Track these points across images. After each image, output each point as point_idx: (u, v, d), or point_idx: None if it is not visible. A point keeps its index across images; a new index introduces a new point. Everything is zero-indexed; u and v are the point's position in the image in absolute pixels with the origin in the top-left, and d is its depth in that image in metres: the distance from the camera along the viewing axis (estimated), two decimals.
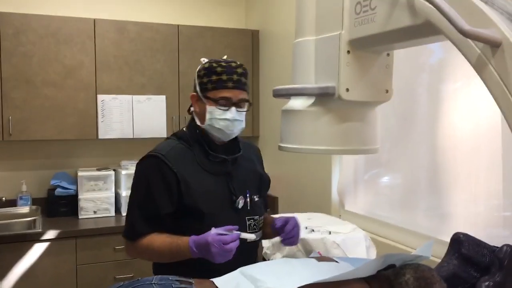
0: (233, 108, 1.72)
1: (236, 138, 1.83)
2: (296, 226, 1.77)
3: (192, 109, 1.84)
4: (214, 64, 1.75)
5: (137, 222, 1.72)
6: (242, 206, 1.75)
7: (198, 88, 1.77)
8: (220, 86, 1.72)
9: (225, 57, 1.88)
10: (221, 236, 1.52)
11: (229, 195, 1.75)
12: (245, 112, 1.78)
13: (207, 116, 1.72)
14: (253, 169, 1.90)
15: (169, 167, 1.68)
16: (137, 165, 1.79)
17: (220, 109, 1.71)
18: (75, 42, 3.43)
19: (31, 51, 3.33)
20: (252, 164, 1.91)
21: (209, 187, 1.72)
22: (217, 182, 1.75)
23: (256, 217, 1.80)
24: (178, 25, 3.73)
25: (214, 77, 1.73)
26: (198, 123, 1.78)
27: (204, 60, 1.83)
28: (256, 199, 1.83)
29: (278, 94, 1.31)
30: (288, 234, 1.75)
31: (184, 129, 1.85)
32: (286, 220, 1.77)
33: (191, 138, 1.77)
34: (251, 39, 3.99)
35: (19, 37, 3.29)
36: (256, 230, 1.78)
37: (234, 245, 1.52)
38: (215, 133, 1.75)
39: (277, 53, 3.74)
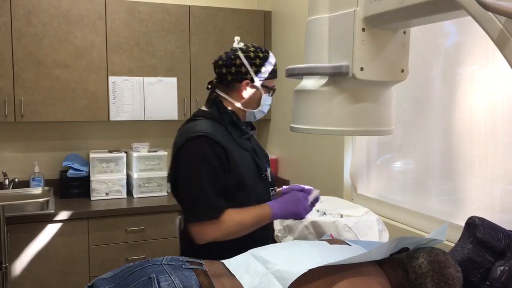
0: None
1: None
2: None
3: (217, 92, 1.94)
4: (267, 54, 1.92)
5: (213, 200, 1.72)
6: (268, 178, 1.93)
7: (253, 75, 1.88)
8: (274, 76, 1.92)
9: (238, 38, 2.02)
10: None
11: (257, 168, 1.89)
12: None
13: (262, 102, 1.91)
14: (259, 144, 2.06)
15: (219, 144, 1.75)
16: (185, 147, 1.76)
17: (270, 96, 1.93)
18: (86, 22, 3.41)
19: (42, 32, 3.31)
20: (257, 141, 2.08)
21: (246, 162, 1.85)
22: (249, 157, 1.89)
23: (276, 188, 1.98)
24: (189, 6, 3.69)
25: (269, 68, 1.90)
26: (241, 107, 1.90)
27: (237, 39, 1.99)
28: (271, 171, 2.01)
29: (291, 73, 1.28)
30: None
31: (205, 109, 1.92)
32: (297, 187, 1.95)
33: (223, 118, 1.87)
34: (263, 20, 3.93)
35: (30, 17, 3.28)
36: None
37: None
38: (259, 116, 1.94)
39: (290, 35, 3.68)
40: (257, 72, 1.87)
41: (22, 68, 3.29)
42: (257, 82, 1.87)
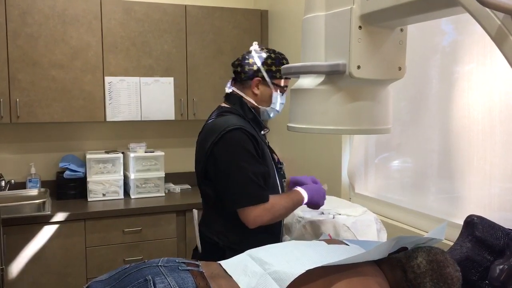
0: (285, 94, 2.07)
1: None
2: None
3: (233, 88, 2.07)
4: (280, 56, 2.06)
5: (259, 185, 1.86)
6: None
7: (265, 74, 2.01)
8: (284, 76, 1.96)
9: (256, 42, 2.14)
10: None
11: (272, 161, 2.04)
12: None
13: (273, 100, 2.04)
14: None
15: (252, 136, 1.89)
16: (225, 139, 1.87)
17: (282, 95, 2.05)
18: (81, 22, 3.40)
19: (37, 32, 3.30)
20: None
21: (268, 155, 2.00)
22: (268, 151, 2.04)
23: (285, 179, 2.15)
24: (185, 5, 3.68)
25: (281, 68, 1.92)
26: (255, 103, 2.04)
27: (255, 43, 2.10)
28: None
29: (287, 72, 1.27)
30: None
31: (229, 106, 2.04)
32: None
33: (246, 115, 2.01)
34: (260, 19, 3.92)
35: (25, 18, 3.26)
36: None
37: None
38: (271, 114, 2.08)
39: (286, 34, 3.67)
40: (268, 71, 2.01)
41: (17, 69, 3.27)
42: (267, 79, 2.01)
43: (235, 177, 1.84)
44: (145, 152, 3.70)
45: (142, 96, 3.60)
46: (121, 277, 1.31)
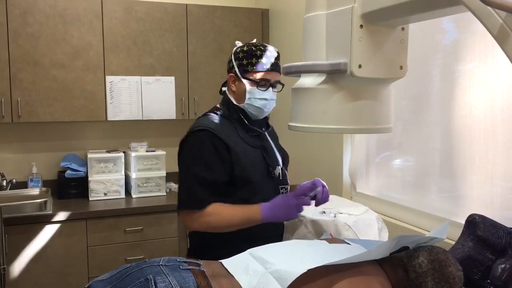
0: (270, 89, 1.90)
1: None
2: (324, 186, 1.91)
3: (224, 89, 2.00)
4: (253, 48, 1.90)
5: (200, 192, 1.79)
6: (277, 176, 1.94)
7: (236, 69, 1.90)
8: (260, 68, 1.87)
9: (255, 40, 2.02)
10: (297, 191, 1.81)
11: (266, 166, 1.92)
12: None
13: (247, 95, 1.88)
14: (277, 143, 2.10)
15: (220, 139, 1.82)
16: (187, 140, 1.88)
17: (260, 89, 1.87)
18: (82, 22, 3.40)
19: (39, 32, 3.29)
20: (276, 139, 2.14)
21: (252, 158, 1.88)
22: (256, 154, 1.91)
23: (287, 186, 2.00)
24: (186, 4, 3.67)
25: (254, 60, 1.87)
26: (235, 102, 1.93)
27: (238, 43, 1.98)
28: (284, 170, 2.03)
29: (288, 71, 1.27)
30: (323, 196, 1.89)
31: (218, 106, 1.99)
32: (313, 183, 1.89)
33: (230, 114, 1.93)
34: (261, 18, 3.91)
35: (26, 17, 3.26)
36: None
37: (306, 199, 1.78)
38: (252, 111, 1.91)
39: (287, 33, 3.67)
40: (239, 65, 1.90)
41: (18, 69, 3.27)
42: (238, 74, 1.89)
43: (182, 179, 1.86)
44: (146, 151, 3.70)
45: (143, 95, 3.60)
46: (122, 277, 1.31)
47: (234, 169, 1.83)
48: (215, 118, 1.92)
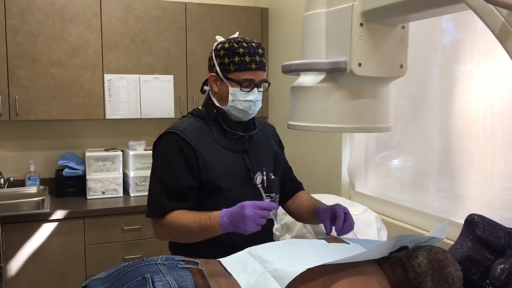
0: (255, 89, 1.73)
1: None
2: (346, 215, 1.72)
3: (206, 88, 1.86)
4: (235, 45, 1.72)
5: (161, 198, 1.69)
6: (260, 183, 1.75)
7: (218, 69, 1.75)
8: (243, 67, 1.70)
9: (237, 34, 1.85)
10: (257, 201, 1.54)
11: (247, 172, 1.76)
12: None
13: (230, 97, 1.72)
14: (269, 148, 1.92)
15: (187, 143, 1.69)
16: (156, 143, 1.80)
17: (243, 91, 1.71)
18: (81, 20, 3.38)
19: (37, 29, 3.28)
20: (268, 143, 1.93)
21: (227, 164, 1.73)
22: (235, 159, 1.76)
23: (273, 194, 1.82)
24: (185, 3, 3.67)
25: (236, 58, 1.70)
26: (217, 103, 1.78)
27: (219, 38, 1.82)
28: (273, 176, 1.84)
29: (288, 70, 1.26)
30: (343, 228, 1.70)
31: (200, 107, 1.86)
32: (333, 213, 1.72)
33: (208, 116, 1.79)
34: (260, 17, 3.91)
35: (25, 15, 3.24)
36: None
37: (267, 212, 1.53)
38: (236, 113, 1.75)
39: (287, 32, 3.66)
40: (221, 63, 1.73)
41: (16, 66, 3.25)
42: (220, 74, 1.74)
43: (149, 185, 1.77)
44: (145, 150, 3.69)
45: (142, 93, 3.59)
46: (120, 275, 1.30)
47: (201, 175, 1.69)
48: (190, 120, 1.80)
